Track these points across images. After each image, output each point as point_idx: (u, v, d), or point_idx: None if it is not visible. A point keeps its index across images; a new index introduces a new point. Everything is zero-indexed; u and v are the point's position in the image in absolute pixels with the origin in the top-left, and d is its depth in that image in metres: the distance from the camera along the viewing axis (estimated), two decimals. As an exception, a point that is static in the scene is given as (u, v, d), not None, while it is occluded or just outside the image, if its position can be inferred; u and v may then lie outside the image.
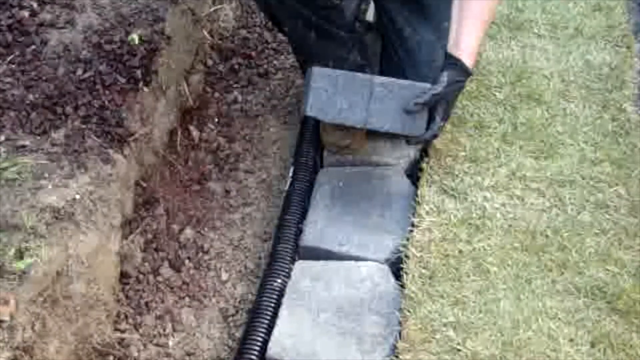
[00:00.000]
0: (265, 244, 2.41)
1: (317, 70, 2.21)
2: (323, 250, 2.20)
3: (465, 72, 2.17)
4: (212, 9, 2.88)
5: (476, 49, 2.20)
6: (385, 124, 2.19)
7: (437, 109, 2.17)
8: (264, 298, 2.12)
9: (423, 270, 2.05)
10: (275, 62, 3.02)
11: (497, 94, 2.61)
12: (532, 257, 2.08)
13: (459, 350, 1.87)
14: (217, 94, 2.86)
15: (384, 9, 2.54)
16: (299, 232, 2.28)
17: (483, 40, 2.34)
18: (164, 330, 2.16)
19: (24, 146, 1.99)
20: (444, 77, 2.15)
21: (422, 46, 2.43)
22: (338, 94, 2.18)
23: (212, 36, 2.92)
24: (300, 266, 2.17)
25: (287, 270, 2.18)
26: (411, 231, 2.16)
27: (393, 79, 2.20)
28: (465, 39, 2.16)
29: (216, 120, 2.77)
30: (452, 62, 2.16)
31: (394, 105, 2.16)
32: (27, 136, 2.03)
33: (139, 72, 2.25)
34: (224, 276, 2.33)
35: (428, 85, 2.16)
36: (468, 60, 2.16)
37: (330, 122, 2.25)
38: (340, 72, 2.22)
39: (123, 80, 2.22)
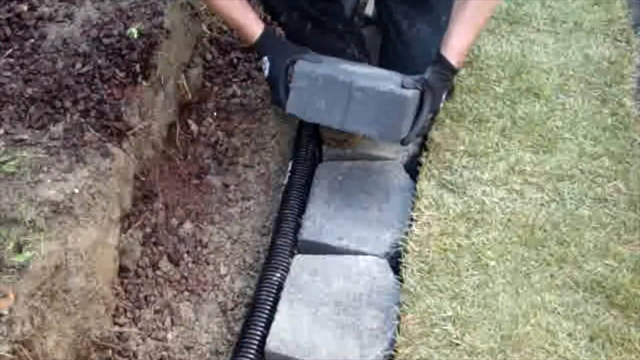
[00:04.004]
0: (264, 238, 2.41)
1: (299, 69, 2.21)
2: (322, 245, 2.20)
3: (449, 69, 2.20)
4: (210, 3, 2.87)
5: (464, 49, 2.24)
6: (362, 128, 2.19)
7: (423, 103, 2.18)
8: (263, 292, 2.12)
9: (422, 265, 2.05)
10: (274, 56, 3.02)
11: (496, 88, 2.61)
12: (531, 252, 2.08)
13: (457, 344, 1.87)
14: (216, 88, 2.85)
15: (383, 2, 2.54)
16: (298, 226, 2.28)
17: (475, 41, 2.39)
18: (163, 324, 2.16)
19: (22, 140, 1.99)
20: (428, 71, 2.18)
21: (419, 39, 2.43)
22: (317, 94, 2.17)
23: (211, 30, 2.91)
24: (299, 260, 2.17)
25: (286, 264, 2.18)
26: (410, 225, 2.16)
27: (374, 84, 2.15)
28: (454, 39, 2.19)
29: (215, 114, 2.77)
30: (438, 59, 2.19)
31: (372, 110, 2.14)
32: (26, 130, 2.03)
33: (137, 66, 2.24)
34: (223, 270, 2.33)
35: (409, 94, 2.13)
36: (454, 58, 2.19)
37: (308, 120, 2.27)
38: (322, 72, 2.19)
39: (122, 74, 2.21)
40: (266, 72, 2.28)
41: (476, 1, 2.18)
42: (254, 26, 2.28)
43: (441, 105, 2.26)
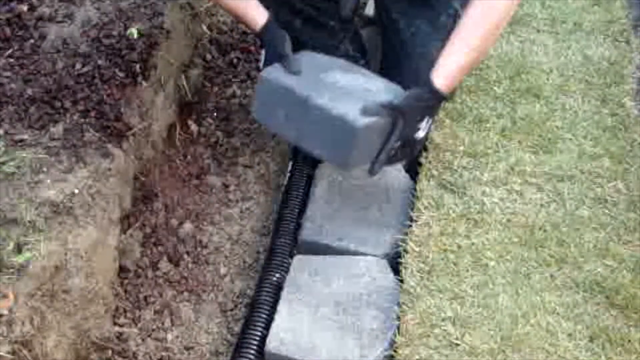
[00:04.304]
0: (264, 238, 2.41)
1: (265, 74, 2.15)
2: (322, 245, 2.20)
3: (434, 93, 2.02)
4: (210, 3, 2.87)
5: (454, 71, 2.04)
6: (315, 149, 2.09)
7: (396, 125, 2.00)
8: (263, 292, 2.12)
9: (422, 265, 2.05)
10: (274, 56, 3.02)
11: (496, 88, 2.61)
12: (531, 252, 2.08)
13: (457, 344, 1.87)
14: (215, 88, 2.85)
15: (382, 1, 2.54)
16: (298, 226, 2.28)
17: (471, 64, 2.10)
18: (163, 324, 2.16)
19: (22, 140, 1.99)
20: (405, 95, 2.04)
21: (417, 38, 2.40)
22: (278, 106, 2.09)
23: (210, 30, 2.92)
24: (299, 261, 2.17)
25: (285, 264, 2.18)
26: (410, 226, 2.16)
27: (331, 105, 2.01)
28: (443, 59, 2.03)
29: (215, 114, 2.77)
30: (424, 81, 2.03)
31: (324, 132, 2.03)
32: (25, 130, 2.02)
33: (137, 67, 2.24)
34: (223, 270, 2.33)
35: (358, 124, 1.96)
36: (440, 81, 2.01)
37: (271, 130, 2.24)
38: (283, 84, 2.09)
39: (122, 75, 2.21)
40: (261, 65, 2.25)
41: (472, 20, 2.04)
42: (256, 15, 2.20)
43: (422, 133, 2.06)
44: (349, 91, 2.07)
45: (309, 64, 2.16)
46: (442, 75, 2.01)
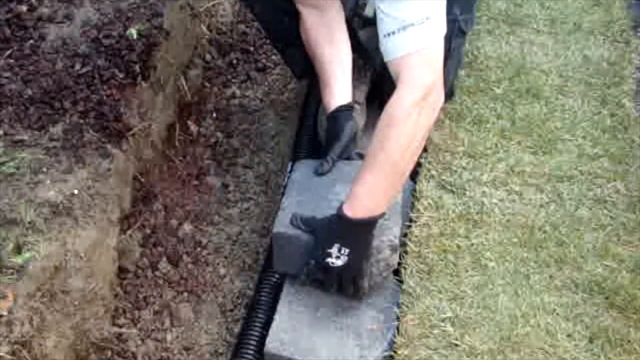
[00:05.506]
0: (263, 239, 2.41)
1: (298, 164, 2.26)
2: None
3: (339, 218, 1.88)
4: (210, 4, 2.87)
5: (363, 199, 1.87)
6: None
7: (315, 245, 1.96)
8: (262, 293, 2.12)
9: (421, 266, 2.05)
10: (273, 57, 3.02)
11: (495, 89, 2.61)
12: (530, 253, 2.08)
13: (456, 345, 1.87)
14: (215, 89, 2.85)
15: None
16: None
17: (385, 186, 1.88)
18: (162, 325, 2.16)
19: (22, 141, 1.99)
20: (319, 217, 1.99)
21: None
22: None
23: (210, 31, 2.92)
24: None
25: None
26: (409, 226, 2.16)
27: (282, 216, 2.06)
28: (354, 186, 1.89)
29: (214, 115, 2.77)
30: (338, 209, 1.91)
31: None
32: (25, 131, 2.02)
33: (137, 67, 2.24)
34: (222, 271, 2.33)
35: (276, 231, 2.02)
36: (347, 208, 1.87)
37: None
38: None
39: (121, 75, 2.21)
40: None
41: (377, 138, 1.85)
42: (332, 97, 2.23)
43: (338, 262, 1.90)
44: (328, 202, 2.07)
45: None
46: (350, 202, 1.88)
